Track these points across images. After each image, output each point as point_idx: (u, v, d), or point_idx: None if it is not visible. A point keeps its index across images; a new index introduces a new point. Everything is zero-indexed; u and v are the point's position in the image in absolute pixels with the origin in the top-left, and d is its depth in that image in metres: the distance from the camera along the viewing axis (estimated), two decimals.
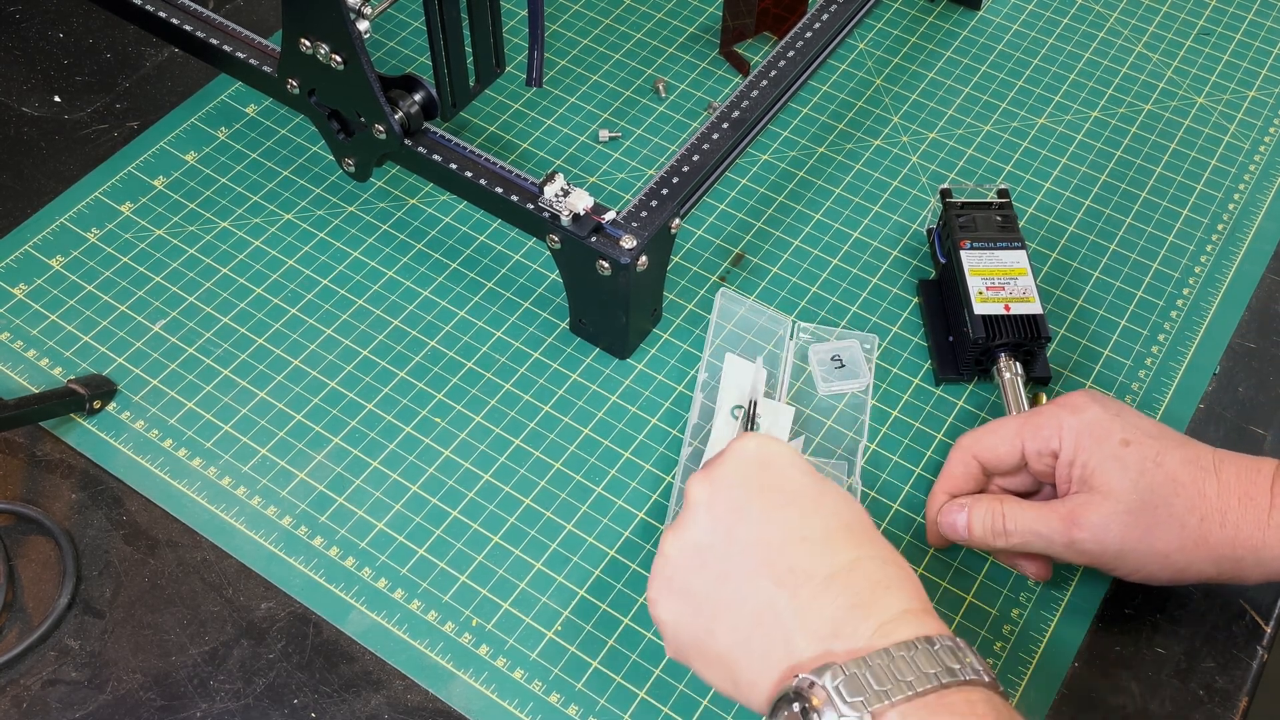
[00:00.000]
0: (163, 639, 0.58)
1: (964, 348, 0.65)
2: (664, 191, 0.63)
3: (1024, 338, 0.64)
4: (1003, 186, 0.71)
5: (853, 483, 0.62)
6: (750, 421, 0.63)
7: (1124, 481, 0.53)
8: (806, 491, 0.48)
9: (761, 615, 0.46)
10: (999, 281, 0.66)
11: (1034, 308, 0.65)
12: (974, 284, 0.65)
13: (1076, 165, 0.77)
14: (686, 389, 0.66)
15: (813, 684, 0.42)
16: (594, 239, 0.61)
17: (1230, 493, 0.52)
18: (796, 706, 0.42)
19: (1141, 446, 0.54)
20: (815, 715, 0.42)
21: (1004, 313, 0.64)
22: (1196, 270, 0.72)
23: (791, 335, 0.68)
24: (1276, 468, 0.53)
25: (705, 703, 0.56)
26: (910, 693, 0.42)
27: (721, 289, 0.69)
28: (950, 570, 0.60)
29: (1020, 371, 0.64)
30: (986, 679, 0.43)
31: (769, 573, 0.46)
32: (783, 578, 0.46)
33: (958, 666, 0.43)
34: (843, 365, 0.66)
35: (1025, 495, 0.59)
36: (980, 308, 0.64)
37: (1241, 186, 0.76)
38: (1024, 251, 0.67)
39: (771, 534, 0.47)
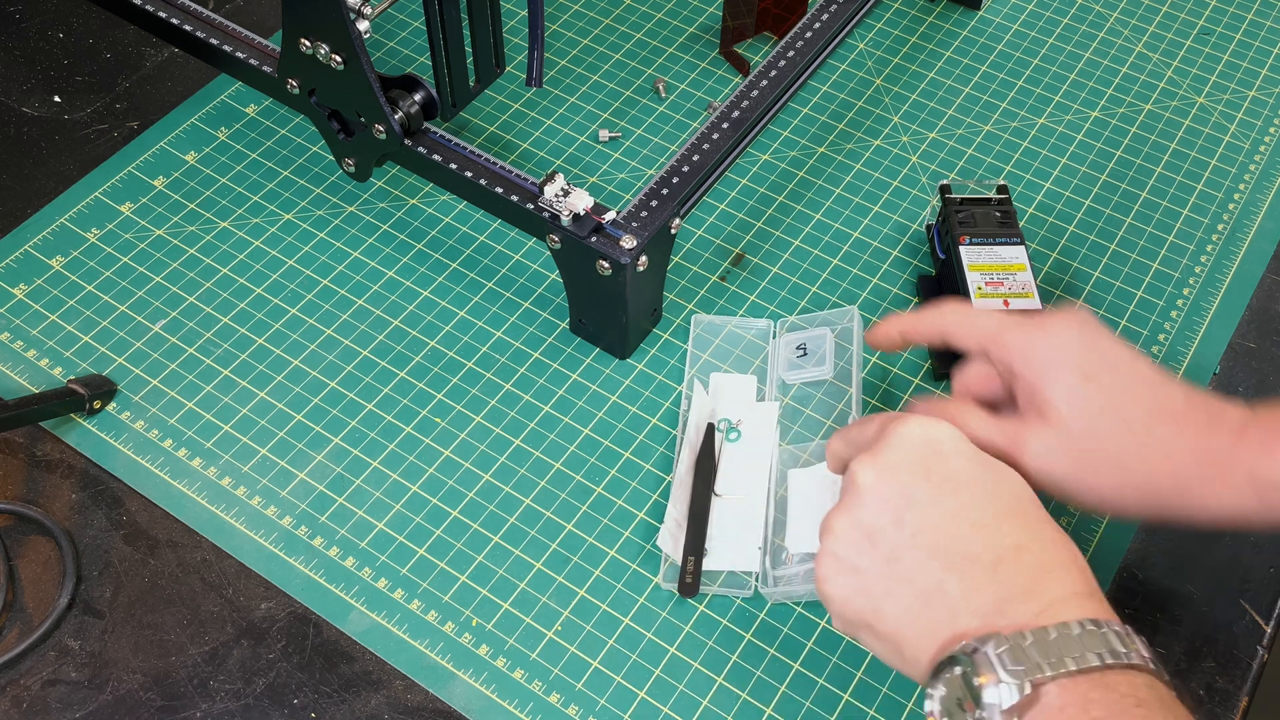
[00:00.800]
0: (163, 639, 0.58)
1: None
2: (664, 191, 0.63)
3: None
4: (1002, 183, 0.71)
5: None
6: (713, 444, 0.63)
7: (1075, 419, 0.52)
8: (973, 476, 0.49)
9: (930, 596, 0.47)
10: (998, 277, 0.66)
11: (1033, 303, 0.65)
12: (973, 279, 0.65)
13: (1076, 165, 0.77)
14: (687, 389, 0.66)
15: (976, 650, 0.43)
16: (594, 239, 0.61)
17: (1186, 449, 0.51)
18: (958, 670, 0.43)
19: (1102, 386, 0.52)
20: (976, 679, 0.42)
21: (1003, 308, 0.64)
22: (1196, 270, 0.72)
23: (775, 334, 0.68)
24: (1242, 423, 0.51)
25: (705, 703, 0.56)
26: (1072, 668, 0.42)
27: (695, 315, 0.69)
28: None
29: None
30: (1152, 666, 0.44)
31: (938, 557, 0.47)
32: (952, 563, 0.47)
33: (1123, 650, 0.43)
34: (805, 354, 0.66)
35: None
36: (980, 303, 0.64)
37: (1241, 186, 0.76)
38: (1023, 247, 0.67)
39: (940, 519, 0.48)
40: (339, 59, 0.64)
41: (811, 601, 0.59)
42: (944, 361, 0.67)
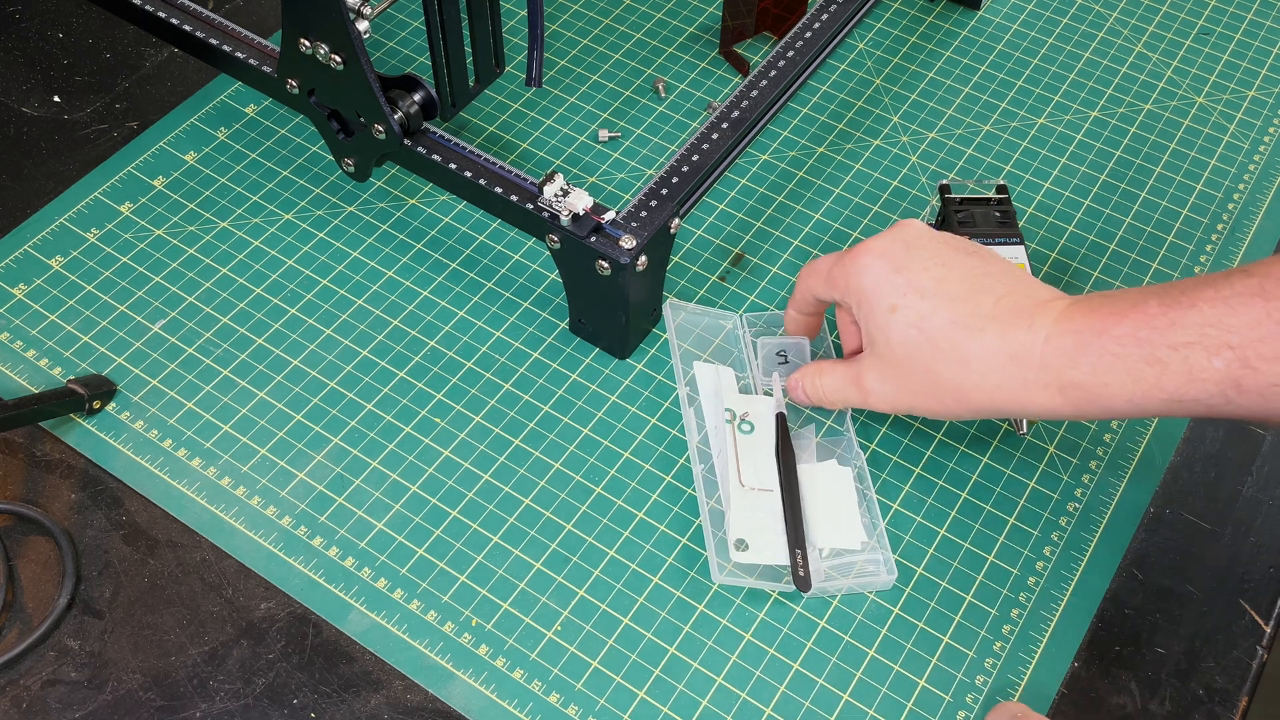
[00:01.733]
0: (162, 639, 0.58)
1: None
2: (664, 191, 0.63)
3: None
4: (1001, 183, 0.71)
5: (859, 465, 0.62)
6: (740, 423, 0.63)
7: (888, 347, 0.55)
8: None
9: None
10: None
11: None
12: None
13: (1076, 165, 0.77)
14: (684, 376, 0.66)
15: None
16: (594, 239, 0.61)
17: (994, 353, 0.53)
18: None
19: (907, 310, 0.54)
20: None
21: None
22: (1196, 270, 0.72)
23: (741, 329, 0.68)
24: (1055, 321, 0.52)
25: (705, 703, 0.56)
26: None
27: (669, 300, 0.69)
28: (950, 570, 0.60)
29: None
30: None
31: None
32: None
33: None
34: (786, 361, 0.66)
35: None
36: None
37: (1241, 186, 0.76)
38: (1022, 247, 0.67)
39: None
40: (339, 59, 0.64)
41: (848, 595, 0.59)
42: None
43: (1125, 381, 0.50)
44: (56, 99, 0.80)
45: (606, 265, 0.61)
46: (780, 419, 0.63)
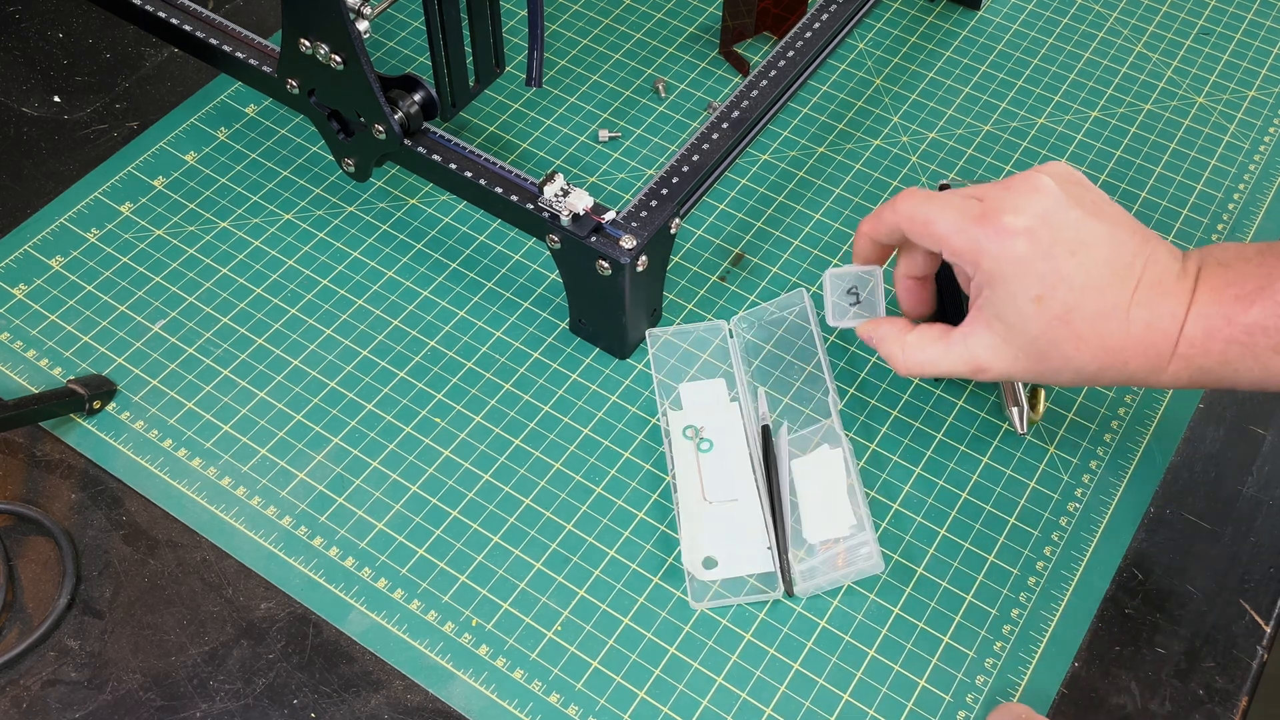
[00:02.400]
0: (162, 639, 0.58)
1: None
2: (664, 191, 0.63)
3: None
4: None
5: (847, 458, 0.62)
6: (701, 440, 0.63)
7: (1025, 335, 0.53)
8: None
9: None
10: None
11: None
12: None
13: (1076, 165, 0.77)
14: (660, 407, 0.66)
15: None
16: (594, 239, 0.61)
17: (1135, 343, 0.52)
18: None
19: (1054, 303, 0.52)
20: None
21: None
22: None
23: (731, 334, 0.68)
24: (1186, 305, 0.52)
25: (705, 703, 0.56)
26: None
27: (649, 331, 0.68)
28: (950, 571, 0.60)
29: None
30: None
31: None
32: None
33: None
34: (858, 301, 0.63)
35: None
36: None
37: (1241, 186, 0.76)
38: None
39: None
40: (339, 59, 0.64)
41: (847, 595, 0.59)
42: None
43: (1253, 368, 0.51)
44: (56, 99, 0.80)
45: (607, 265, 0.61)
46: (764, 430, 0.63)
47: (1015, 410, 0.63)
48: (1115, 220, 0.54)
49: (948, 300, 0.67)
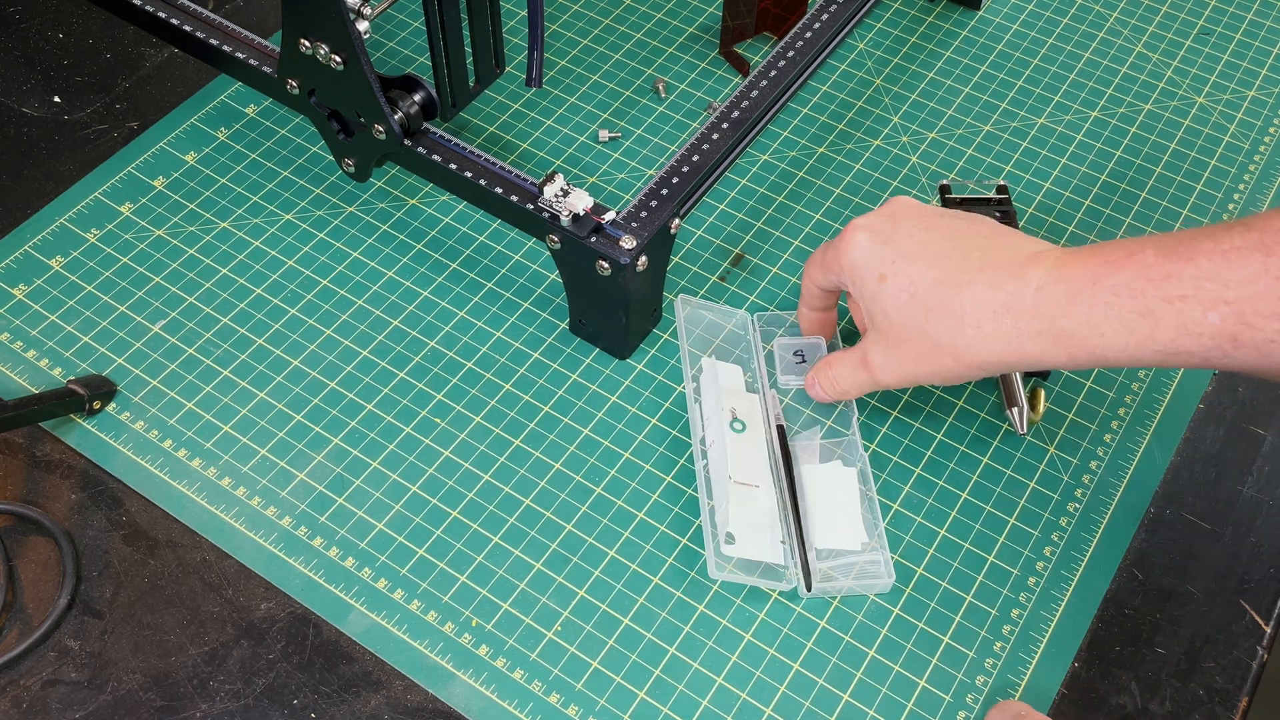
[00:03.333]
0: (163, 639, 0.58)
1: None
2: (664, 191, 0.63)
3: None
4: (1002, 183, 0.70)
5: (862, 467, 0.62)
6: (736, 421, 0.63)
7: (885, 318, 0.55)
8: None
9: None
10: None
11: None
12: None
13: (1076, 165, 0.77)
14: (692, 371, 0.66)
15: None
16: (594, 239, 0.61)
17: (985, 305, 0.52)
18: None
19: (896, 278, 0.55)
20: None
21: None
22: None
23: (753, 327, 0.68)
24: (1047, 270, 0.52)
25: (705, 703, 0.56)
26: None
27: (681, 296, 0.69)
28: (950, 571, 0.60)
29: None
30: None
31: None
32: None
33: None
34: (804, 360, 0.66)
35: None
36: None
37: (1241, 186, 0.76)
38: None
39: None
40: (339, 59, 0.64)
41: (848, 596, 0.59)
42: None
43: (1119, 332, 0.49)
44: (56, 99, 0.80)
45: (607, 265, 0.61)
46: (780, 430, 0.63)
47: (1015, 410, 0.63)
48: (971, 215, 0.56)
49: None
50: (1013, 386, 0.64)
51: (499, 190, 0.64)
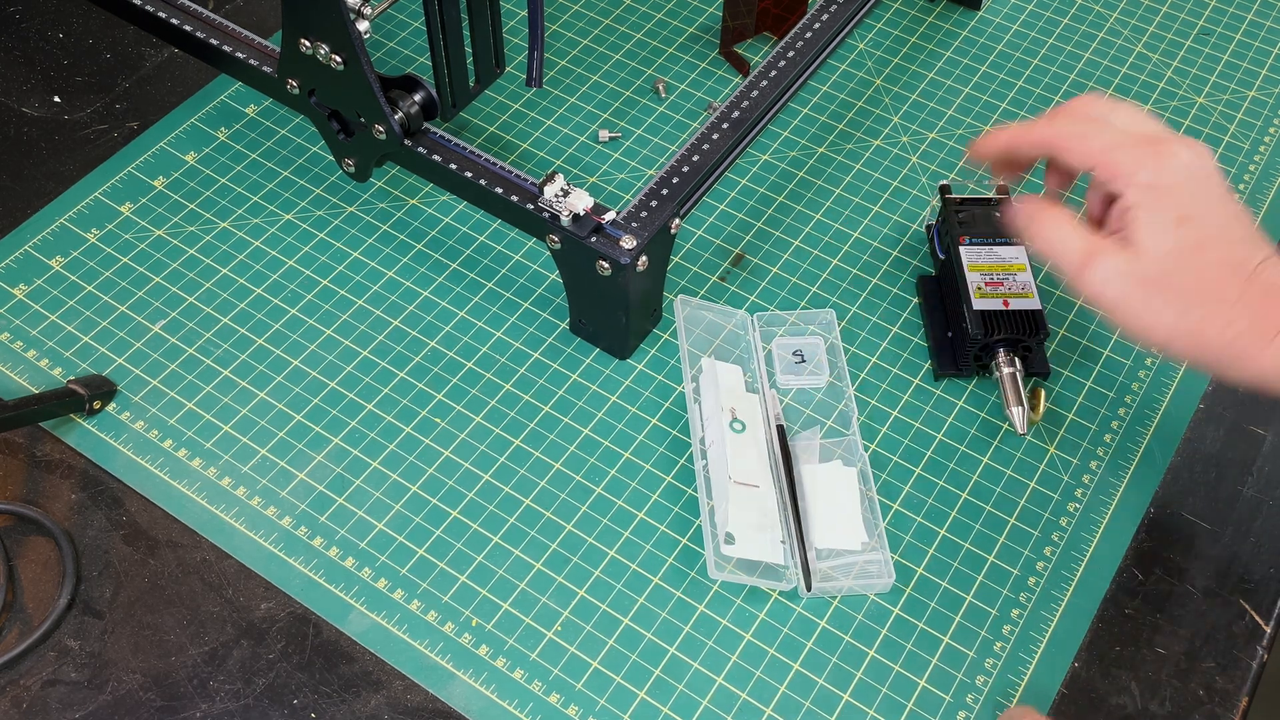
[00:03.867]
0: (163, 639, 0.58)
1: (963, 344, 0.65)
2: (664, 191, 0.63)
3: (1023, 333, 0.64)
4: (1001, 183, 0.70)
5: (862, 467, 0.62)
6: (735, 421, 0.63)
7: (1156, 256, 0.52)
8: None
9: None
10: (998, 277, 0.66)
11: (1033, 303, 0.65)
12: (973, 280, 0.65)
13: None
14: (693, 371, 0.66)
15: None
16: (594, 239, 0.61)
17: (1246, 306, 0.51)
18: None
19: (1192, 228, 0.52)
20: None
21: (1003, 308, 0.64)
22: None
23: (753, 327, 0.68)
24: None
25: (705, 703, 0.56)
26: None
27: (680, 296, 0.69)
28: (950, 571, 0.60)
29: (1020, 367, 0.64)
30: None
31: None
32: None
33: None
34: (803, 360, 0.66)
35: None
36: (979, 303, 0.64)
37: (1241, 186, 0.76)
38: (1023, 247, 0.67)
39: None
40: (339, 59, 0.64)
41: (848, 596, 0.59)
42: (944, 361, 0.67)
43: None
44: (56, 99, 0.80)
45: (607, 265, 0.61)
46: (780, 430, 0.63)
47: (1016, 410, 0.63)
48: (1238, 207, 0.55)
49: (949, 305, 0.68)
50: (1015, 386, 0.64)
51: (499, 190, 0.64)
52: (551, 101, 0.80)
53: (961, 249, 0.67)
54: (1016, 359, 0.64)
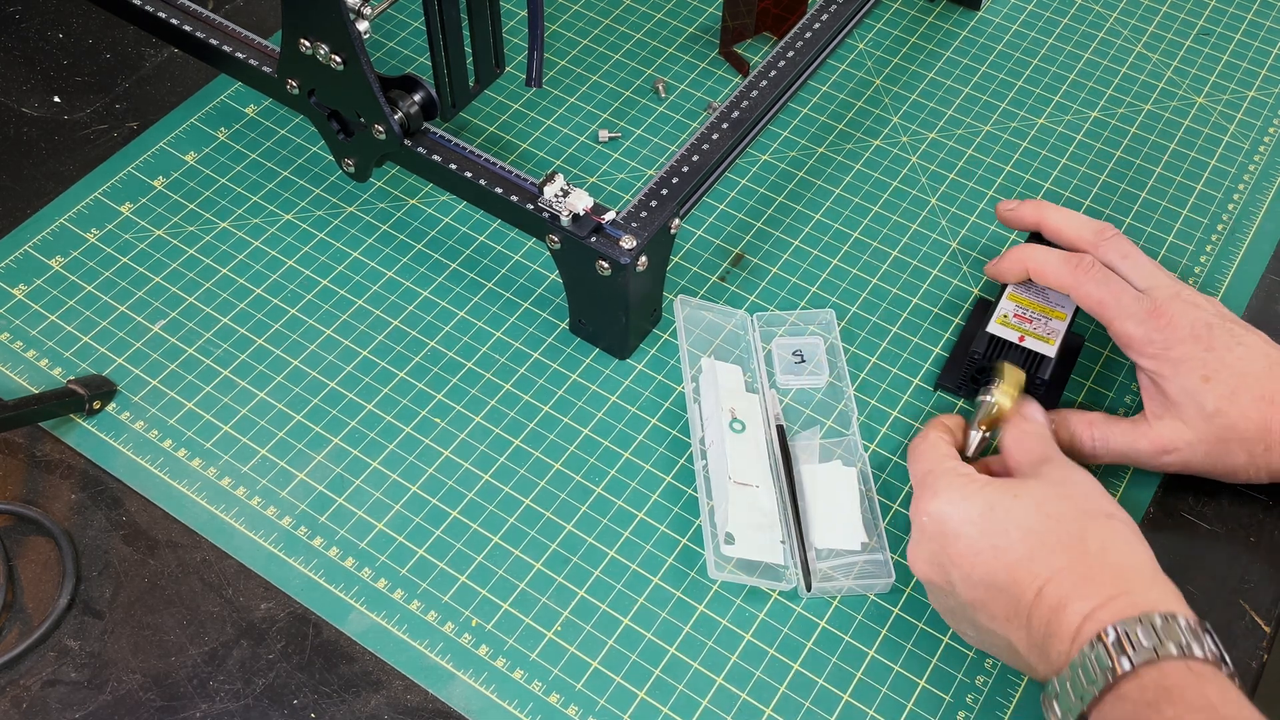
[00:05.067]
0: (162, 639, 0.58)
1: (963, 361, 0.65)
2: (664, 191, 0.63)
3: (1023, 369, 0.61)
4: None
5: (862, 467, 0.62)
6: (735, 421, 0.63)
7: (1202, 412, 0.58)
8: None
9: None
10: (1031, 314, 0.64)
11: (1048, 349, 0.62)
12: (1005, 307, 0.64)
13: (1076, 165, 0.77)
14: (693, 371, 0.66)
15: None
16: (594, 239, 0.61)
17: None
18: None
19: (1219, 383, 0.58)
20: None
21: (1015, 341, 0.62)
22: (1196, 270, 0.72)
23: (753, 327, 0.68)
24: None
25: (705, 703, 0.56)
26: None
27: (680, 296, 0.69)
28: None
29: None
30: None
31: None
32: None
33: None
34: (802, 360, 0.66)
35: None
36: (996, 328, 0.63)
37: (1241, 186, 0.76)
38: (1073, 302, 0.63)
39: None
40: (339, 59, 0.64)
41: (848, 596, 0.59)
42: (949, 374, 0.66)
43: None
44: (56, 99, 0.80)
45: (607, 265, 0.61)
46: (779, 430, 0.63)
47: (974, 434, 0.60)
48: (1259, 335, 0.60)
49: (973, 324, 0.67)
50: (987, 414, 0.59)
51: (499, 190, 0.64)
52: (551, 101, 0.80)
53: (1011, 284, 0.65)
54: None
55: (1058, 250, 0.63)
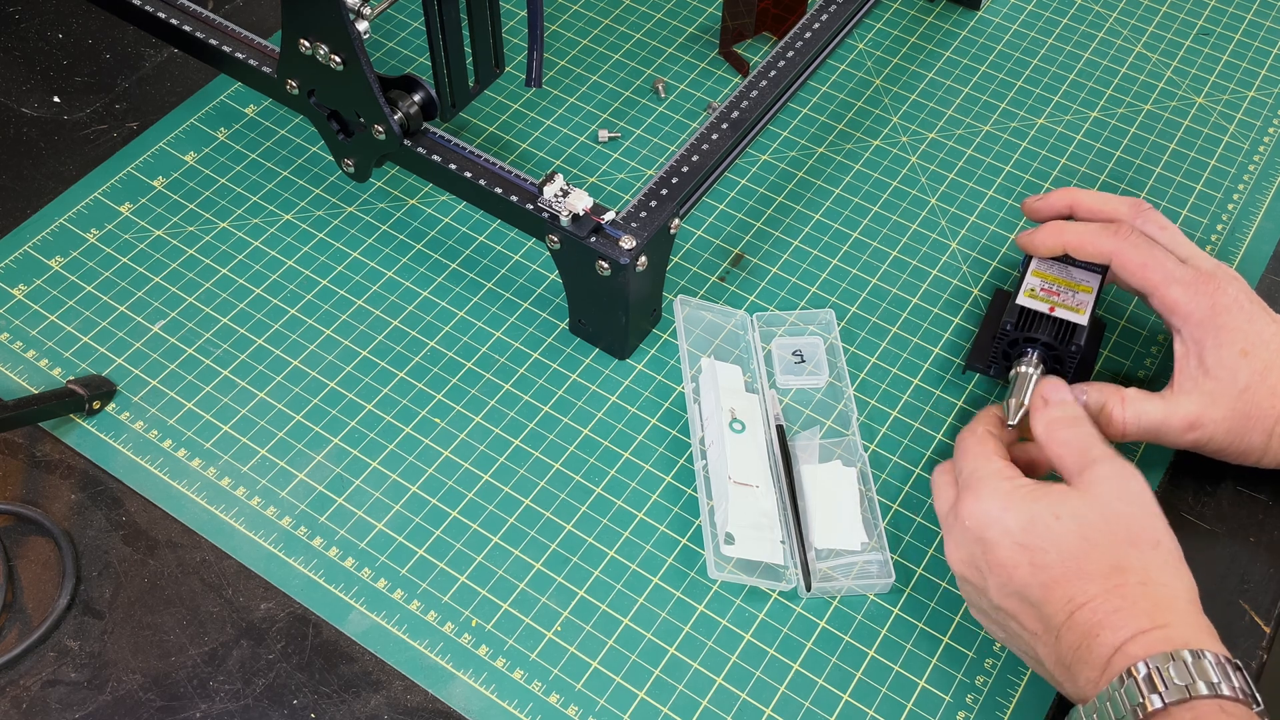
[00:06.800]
0: (162, 639, 0.58)
1: (997, 337, 0.63)
2: (664, 191, 0.63)
3: (1057, 339, 0.61)
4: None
5: (862, 467, 0.62)
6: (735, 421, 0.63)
7: (1233, 387, 0.58)
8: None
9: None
10: (1057, 288, 0.63)
11: (1079, 318, 0.62)
12: (1031, 283, 0.64)
13: (1076, 165, 0.77)
14: (693, 371, 0.66)
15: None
16: (593, 239, 0.61)
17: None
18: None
19: (1255, 358, 0.58)
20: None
21: (1046, 312, 0.62)
22: None
23: (752, 327, 0.68)
24: None
25: (705, 703, 0.56)
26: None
27: (680, 296, 0.69)
28: (950, 572, 0.60)
29: (1042, 373, 0.61)
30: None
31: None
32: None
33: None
34: (802, 360, 0.66)
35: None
36: (1024, 300, 0.63)
37: (1241, 186, 0.76)
38: (1100, 277, 0.64)
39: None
40: (338, 59, 0.64)
41: (848, 596, 0.59)
42: (977, 355, 0.66)
43: None
44: (56, 99, 0.80)
45: (606, 265, 0.61)
46: (779, 430, 0.63)
47: (1013, 401, 0.60)
48: None
49: (997, 307, 0.67)
50: (1023, 386, 0.60)
51: (499, 190, 0.64)
52: (551, 101, 0.80)
53: (1035, 259, 0.65)
54: (1042, 365, 0.62)
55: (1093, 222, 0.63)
